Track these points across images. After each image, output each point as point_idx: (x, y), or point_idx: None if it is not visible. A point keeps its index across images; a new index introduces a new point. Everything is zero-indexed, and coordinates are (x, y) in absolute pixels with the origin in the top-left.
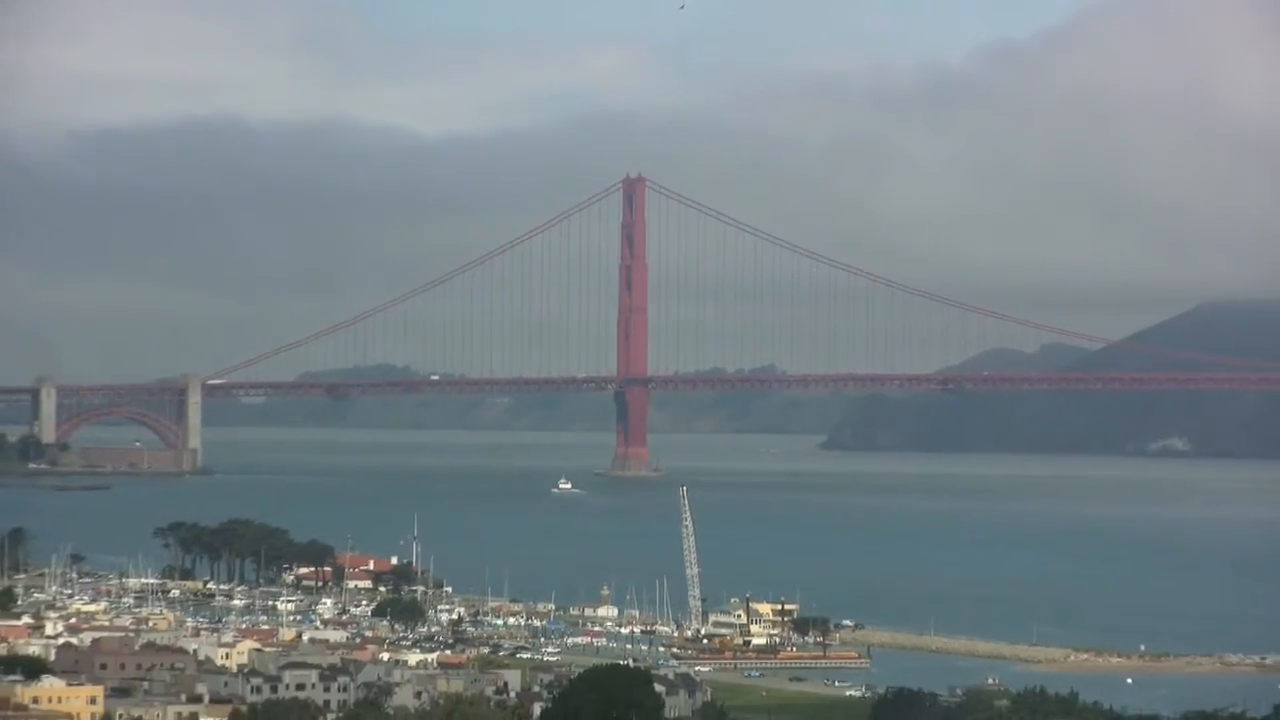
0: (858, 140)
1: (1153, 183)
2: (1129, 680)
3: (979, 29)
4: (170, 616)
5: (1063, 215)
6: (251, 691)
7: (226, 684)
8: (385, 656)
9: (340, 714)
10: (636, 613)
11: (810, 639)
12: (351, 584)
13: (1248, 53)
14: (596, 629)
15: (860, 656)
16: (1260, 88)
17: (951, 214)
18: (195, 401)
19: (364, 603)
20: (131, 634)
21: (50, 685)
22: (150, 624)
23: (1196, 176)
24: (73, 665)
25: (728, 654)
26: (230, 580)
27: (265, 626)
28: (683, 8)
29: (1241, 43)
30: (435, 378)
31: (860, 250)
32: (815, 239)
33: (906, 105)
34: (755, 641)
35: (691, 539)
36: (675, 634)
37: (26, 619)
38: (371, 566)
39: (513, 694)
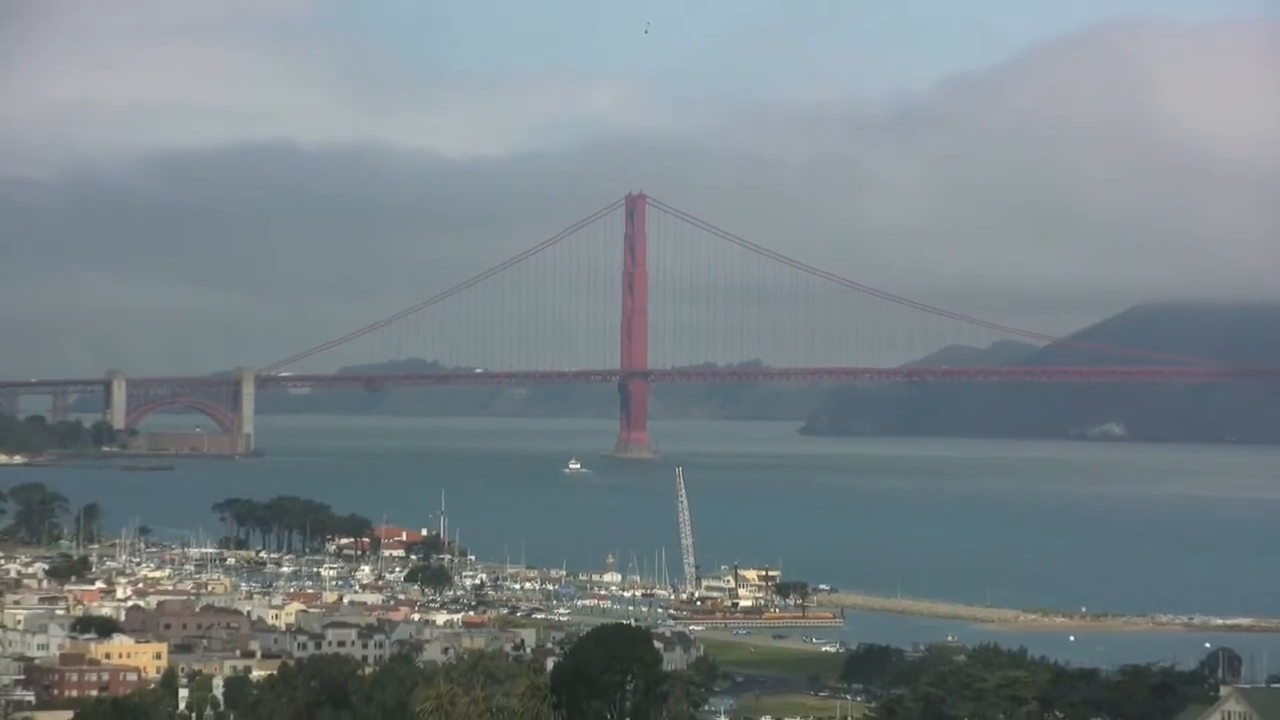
0: (833, 162)
1: (1092, 199)
2: (1071, 638)
3: (940, 64)
4: (226, 582)
5: (1013, 228)
6: (298, 648)
7: (276, 641)
8: (416, 617)
9: (376, 667)
10: (638, 578)
11: (791, 601)
12: (386, 553)
13: (1178, 86)
14: (602, 593)
15: (835, 617)
16: (1188, 118)
17: (916, 226)
18: (248, 392)
19: (397, 569)
20: (192, 597)
21: (121, 643)
22: (209, 588)
23: (1131, 194)
24: (140, 625)
25: (718, 615)
26: (279, 550)
27: (310, 590)
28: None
29: (1172, 78)
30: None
31: (835, 258)
32: (795, 248)
33: (876, 131)
34: (742, 603)
35: (686, 513)
36: (672, 597)
37: (100, 584)
38: (404, 537)
39: (528, 650)
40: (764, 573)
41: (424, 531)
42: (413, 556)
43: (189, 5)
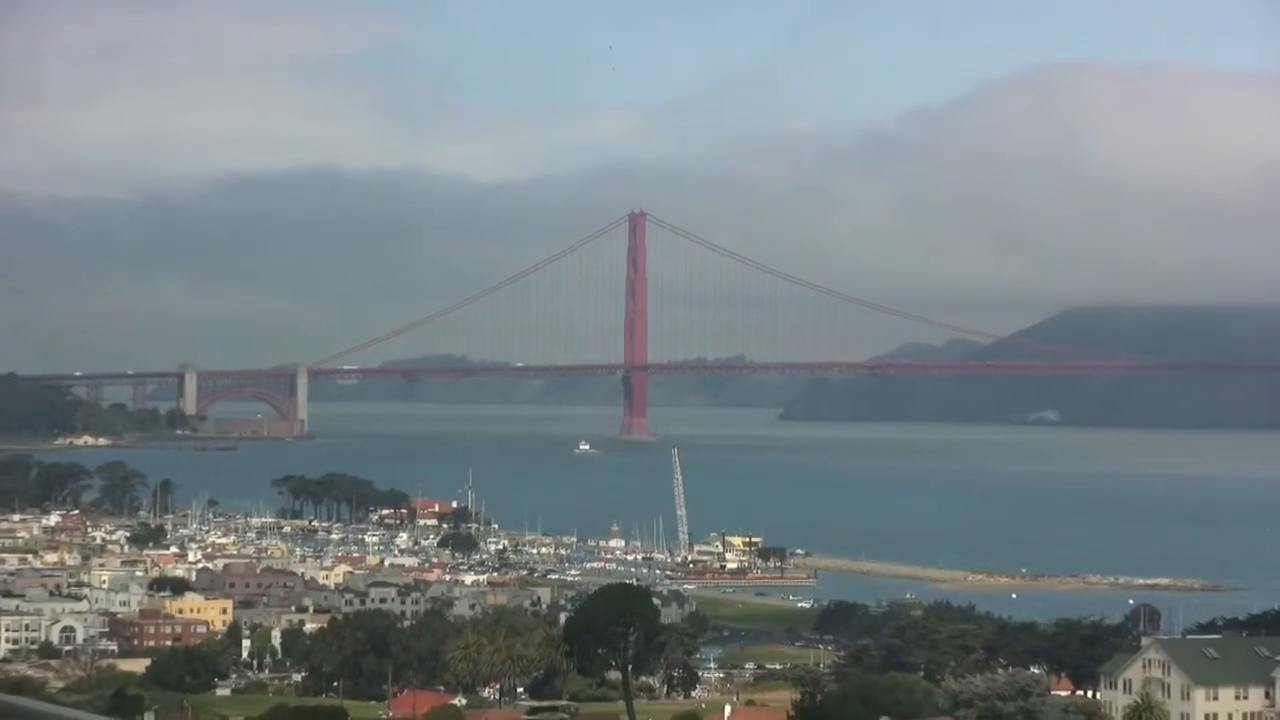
0: (810, 184)
1: (1033, 216)
2: (1013, 595)
3: (902, 99)
4: (283, 547)
5: (964, 240)
6: (345, 604)
7: (326, 598)
8: (447, 578)
9: (413, 621)
10: (639, 544)
11: (771, 564)
12: (421, 522)
13: (1107, 120)
14: (608, 556)
15: (809, 577)
16: (1115, 148)
17: (880, 240)
18: (302, 383)
19: (431, 537)
20: (253, 560)
21: (192, 599)
22: (268, 552)
23: (1065, 213)
24: (209, 584)
25: (708, 575)
26: (329, 519)
27: (355, 555)
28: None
29: (1102, 113)
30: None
31: (810, 268)
32: (776, 259)
33: (846, 158)
34: (729, 565)
35: (681, 488)
36: (668, 560)
37: (174, 549)
38: (436, 509)
39: (544, 606)
40: (748, 539)
41: (454, 504)
42: (444, 525)
43: (249, 48)
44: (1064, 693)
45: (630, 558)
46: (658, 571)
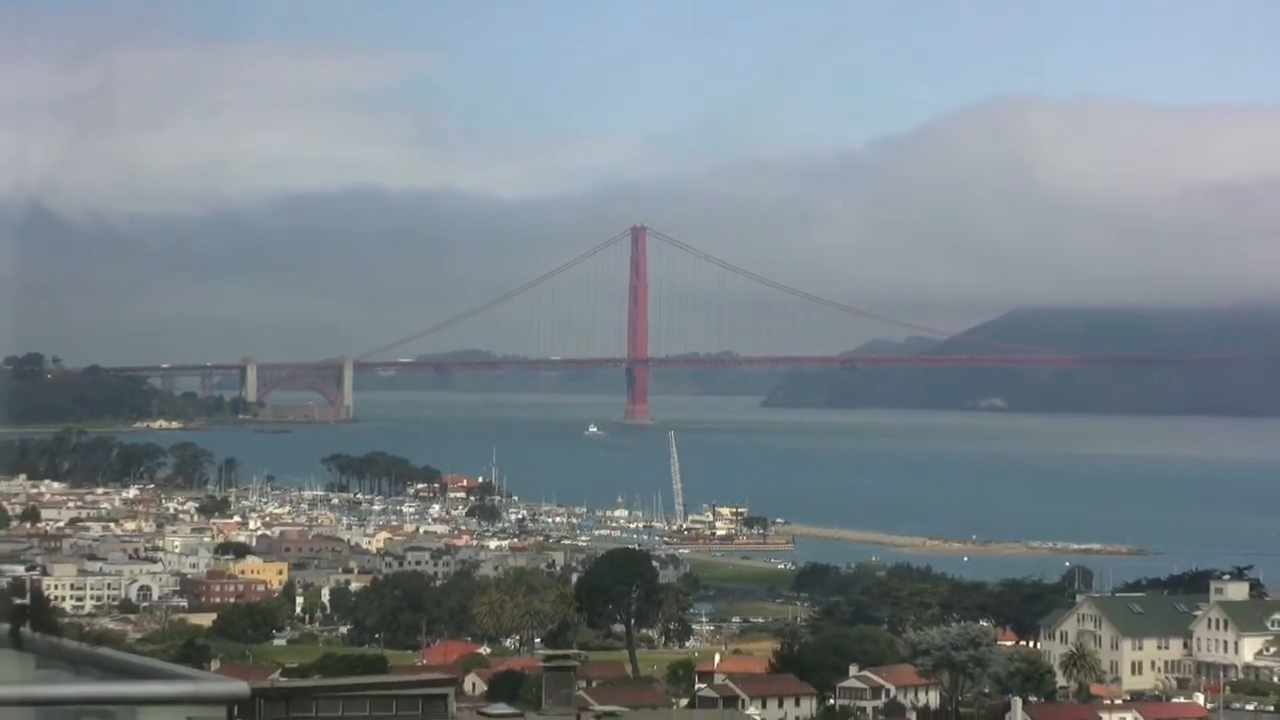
0: (790, 202)
1: (985, 230)
2: (965, 559)
3: (872, 127)
4: (331, 516)
5: (924, 250)
6: (385, 566)
7: (368, 561)
8: (474, 543)
9: (444, 580)
10: (640, 513)
11: (755, 531)
12: (452, 495)
13: (1051, 146)
14: (613, 525)
15: (787, 542)
16: (1058, 169)
17: (851, 251)
18: (348, 374)
19: (460, 507)
20: (306, 528)
21: (252, 562)
22: (318, 521)
23: (1014, 226)
24: (267, 549)
25: (700, 541)
26: (371, 493)
27: (394, 523)
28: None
29: (1047, 137)
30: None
31: (790, 274)
32: (760, 267)
33: (824, 179)
34: (719, 532)
35: (677, 465)
36: (666, 528)
37: (236, 518)
38: (465, 484)
39: (558, 568)
40: (735, 510)
41: (480, 479)
42: (471, 498)
43: (299, 82)
44: (1009, 643)
45: (633, 526)
46: (656, 538)
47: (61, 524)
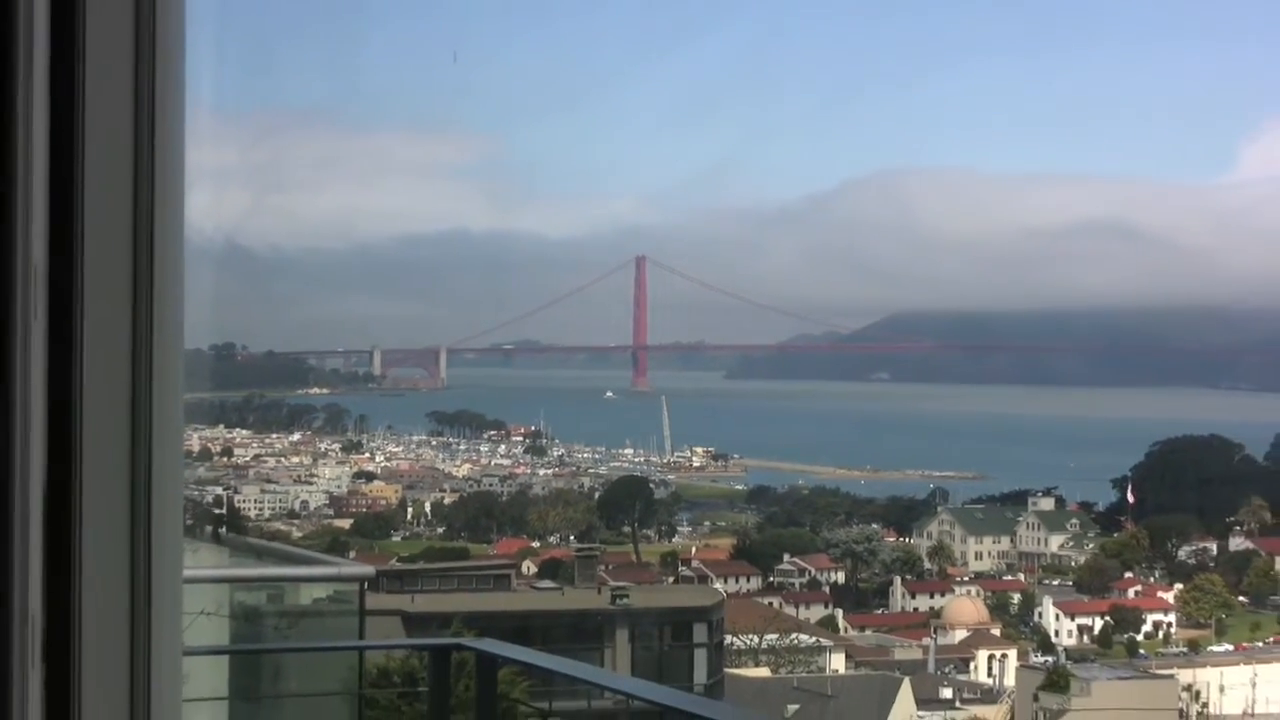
0: (747, 239)
1: (879, 259)
2: (862, 482)
3: (802, 187)
4: (432, 453)
5: (836, 271)
6: (468, 487)
7: (456, 484)
8: (528, 472)
9: (507, 497)
10: (642, 451)
11: (719, 463)
12: (513, 438)
13: (923, 202)
14: (623, 459)
15: (743, 471)
16: (932, 218)
17: (787, 272)
18: (443, 357)
19: (519, 448)
20: (414, 461)
21: (378, 485)
22: (422, 456)
23: (901, 256)
24: (388, 475)
25: (683, 470)
26: (458, 437)
27: (473, 458)
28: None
29: (920, 197)
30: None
31: (745, 288)
32: (725, 284)
33: (770, 223)
34: (695, 465)
35: (667, 419)
36: (659, 461)
37: (367, 455)
38: (522, 431)
39: (586, 489)
40: (706, 449)
41: (532, 427)
42: (527, 440)
43: (411, 157)
44: (891, 540)
45: (637, 460)
46: (652, 469)
47: (247, 458)
